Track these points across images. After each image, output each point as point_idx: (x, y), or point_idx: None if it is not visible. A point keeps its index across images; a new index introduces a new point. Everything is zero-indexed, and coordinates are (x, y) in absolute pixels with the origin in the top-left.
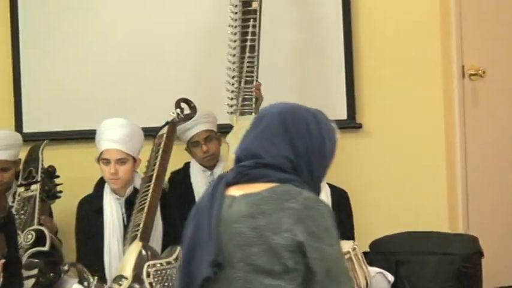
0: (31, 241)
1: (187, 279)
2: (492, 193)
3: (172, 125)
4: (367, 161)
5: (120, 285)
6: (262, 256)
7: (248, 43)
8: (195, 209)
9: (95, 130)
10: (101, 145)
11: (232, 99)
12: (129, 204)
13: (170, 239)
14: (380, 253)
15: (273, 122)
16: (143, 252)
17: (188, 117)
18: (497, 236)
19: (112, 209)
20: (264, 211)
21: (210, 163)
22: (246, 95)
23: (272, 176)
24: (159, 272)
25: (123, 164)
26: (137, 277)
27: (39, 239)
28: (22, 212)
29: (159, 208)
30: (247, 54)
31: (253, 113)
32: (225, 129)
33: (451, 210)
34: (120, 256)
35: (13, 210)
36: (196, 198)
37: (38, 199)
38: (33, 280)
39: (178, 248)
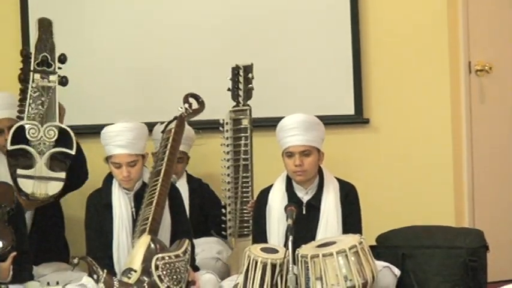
0: (53, 138)
1: None
2: (498, 188)
3: (180, 120)
4: (375, 156)
5: (129, 278)
6: None
7: (241, 162)
8: None
9: (100, 125)
10: (110, 150)
11: (229, 220)
12: (138, 198)
13: (178, 232)
14: (387, 247)
15: None
16: (152, 245)
17: (196, 112)
18: (502, 231)
19: (121, 204)
20: None
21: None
22: (243, 216)
23: None
24: (167, 265)
25: (134, 165)
26: (146, 270)
27: (61, 138)
28: (39, 102)
29: (167, 202)
30: (241, 174)
31: (250, 235)
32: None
33: (457, 205)
34: (129, 249)
35: (28, 96)
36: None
37: (57, 92)
38: (59, 183)
39: (187, 241)
